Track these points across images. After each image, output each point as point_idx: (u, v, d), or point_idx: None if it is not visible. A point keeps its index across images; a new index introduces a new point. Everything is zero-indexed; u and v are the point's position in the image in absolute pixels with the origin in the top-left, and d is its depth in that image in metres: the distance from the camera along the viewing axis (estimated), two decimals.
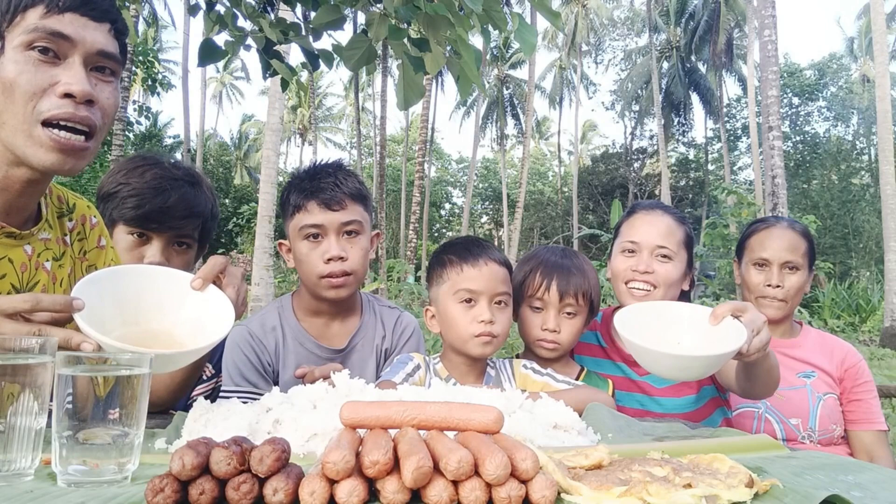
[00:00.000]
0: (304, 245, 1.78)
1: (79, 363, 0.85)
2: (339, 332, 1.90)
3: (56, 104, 1.17)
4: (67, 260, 1.44)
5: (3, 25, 1.16)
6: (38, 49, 1.16)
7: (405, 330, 1.96)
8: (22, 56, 1.16)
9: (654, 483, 0.76)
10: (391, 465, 0.73)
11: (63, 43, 1.18)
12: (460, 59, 2.30)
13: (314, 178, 1.80)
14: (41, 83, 1.17)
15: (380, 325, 1.94)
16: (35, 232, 1.36)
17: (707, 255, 11.04)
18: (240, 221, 25.22)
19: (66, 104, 1.17)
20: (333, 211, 1.76)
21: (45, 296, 1.09)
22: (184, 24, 25.43)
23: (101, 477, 0.82)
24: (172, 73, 36.61)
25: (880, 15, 14.85)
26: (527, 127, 30.51)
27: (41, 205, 1.39)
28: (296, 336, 1.86)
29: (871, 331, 15.60)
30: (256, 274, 13.20)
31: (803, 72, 36.89)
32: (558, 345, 1.81)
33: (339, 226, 1.77)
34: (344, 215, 1.77)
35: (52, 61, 1.18)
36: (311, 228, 1.77)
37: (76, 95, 1.17)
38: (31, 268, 1.33)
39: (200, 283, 1.24)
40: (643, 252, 1.93)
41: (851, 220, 27.62)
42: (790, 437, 2.10)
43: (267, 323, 1.87)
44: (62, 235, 1.45)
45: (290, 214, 1.83)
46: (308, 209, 1.77)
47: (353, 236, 1.80)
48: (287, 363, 1.84)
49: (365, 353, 1.90)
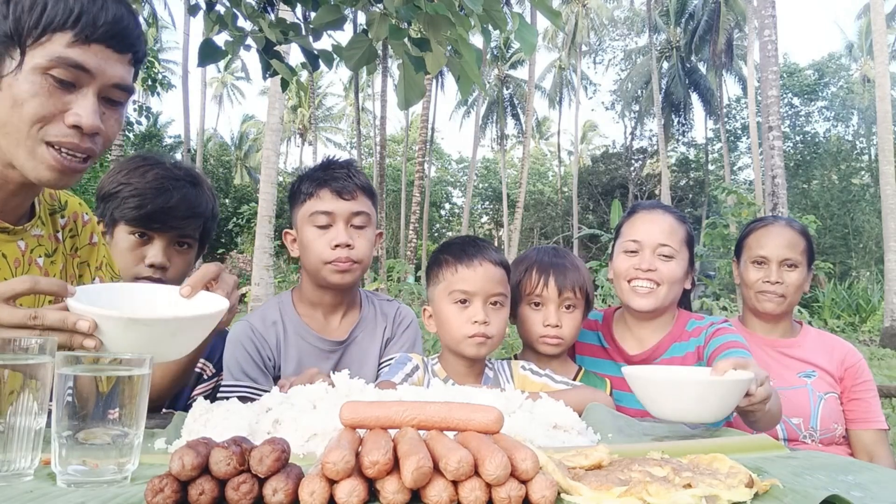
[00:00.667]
0: (312, 231, 1.81)
1: (79, 363, 0.85)
2: (339, 324, 1.92)
3: (63, 132, 1.18)
4: (59, 256, 1.45)
5: (27, 41, 1.15)
6: (56, 78, 1.16)
7: (403, 320, 1.99)
8: (39, 79, 1.15)
9: (654, 483, 0.76)
10: (391, 465, 0.73)
11: (82, 75, 1.17)
12: (461, 59, 2.30)
13: (327, 168, 1.85)
14: (52, 109, 1.17)
15: (379, 315, 1.97)
16: (28, 228, 1.36)
17: (707, 255, 11.04)
18: (240, 221, 25.20)
19: (72, 134, 1.18)
20: (344, 200, 1.79)
21: (42, 278, 1.10)
22: (184, 24, 25.44)
23: (100, 477, 0.82)
24: (173, 73, 36.61)
25: (880, 15, 14.85)
26: (527, 127, 30.52)
27: (35, 202, 1.40)
28: (297, 330, 1.88)
29: (871, 331, 15.60)
30: (256, 274, 13.21)
31: (803, 72, 36.90)
32: (561, 339, 1.83)
33: (348, 215, 1.80)
34: (354, 205, 1.80)
35: (66, 89, 1.17)
36: (321, 215, 1.79)
37: (84, 129, 1.18)
38: (24, 263, 1.34)
39: (189, 291, 1.23)
40: (645, 251, 1.93)
41: (851, 220, 27.63)
42: (791, 437, 2.11)
43: (268, 318, 1.88)
44: (54, 232, 1.46)
45: (300, 202, 1.85)
46: (320, 196, 1.80)
47: (361, 228, 1.82)
48: (288, 357, 1.86)
49: (365, 343, 1.92)
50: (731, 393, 1.18)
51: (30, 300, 1.29)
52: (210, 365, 1.96)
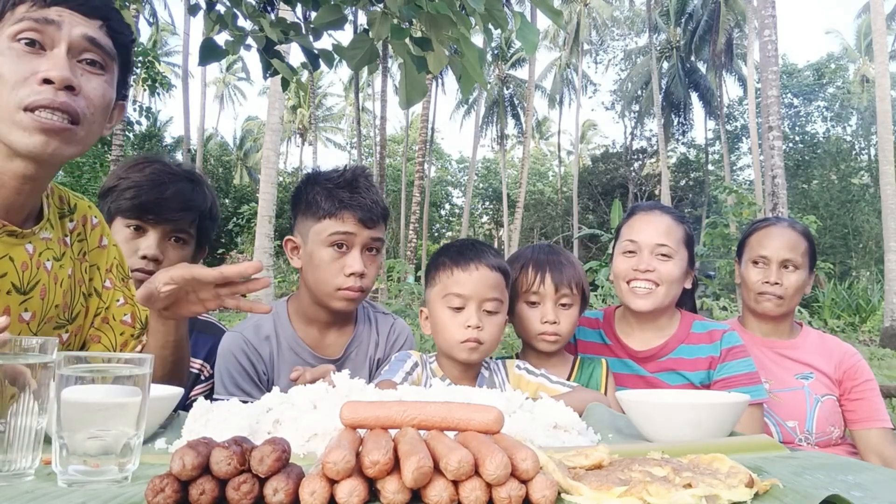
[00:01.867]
0: (327, 253, 1.74)
1: (79, 363, 0.85)
2: (334, 341, 1.88)
3: (35, 91, 1.18)
4: (67, 260, 1.43)
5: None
6: (25, 41, 1.18)
7: (398, 338, 1.95)
8: (8, 47, 1.18)
9: (654, 483, 0.76)
10: (391, 465, 0.73)
11: (49, 29, 1.19)
12: (462, 58, 2.30)
13: (354, 188, 1.76)
14: (24, 72, 1.18)
15: (374, 332, 1.93)
16: (36, 231, 1.35)
17: (707, 255, 11.04)
18: (240, 221, 25.18)
19: (45, 90, 1.18)
20: (367, 228, 1.75)
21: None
22: (184, 25, 25.43)
23: (101, 477, 0.82)
24: (176, 75, 36.60)
25: (880, 15, 14.85)
26: (527, 127, 30.54)
27: (43, 205, 1.39)
28: (291, 345, 1.83)
29: (871, 331, 15.60)
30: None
31: (802, 72, 36.90)
32: (559, 336, 1.83)
33: (367, 241, 1.76)
34: (374, 232, 1.77)
35: (36, 52, 1.19)
36: (340, 237, 1.73)
37: (54, 81, 1.18)
38: (31, 267, 1.33)
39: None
40: (643, 251, 1.94)
41: (851, 220, 27.63)
42: (787, 440, 2.08)
43: (261, 330, 1.83)
44: (63, 236, 1.45)
45: (315, 216, 1.76)
46: (343, 218, 1.73)
47: (374, 253, 1.79)
48: (281, 372, 1.80)
49: (358, 362, 1.88)
50: (727, 416, 1.17)
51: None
52: (208, 366, 1.96)
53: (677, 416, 1.16)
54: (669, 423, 1.16)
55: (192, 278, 1.30)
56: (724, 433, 1.16)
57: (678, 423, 1.15)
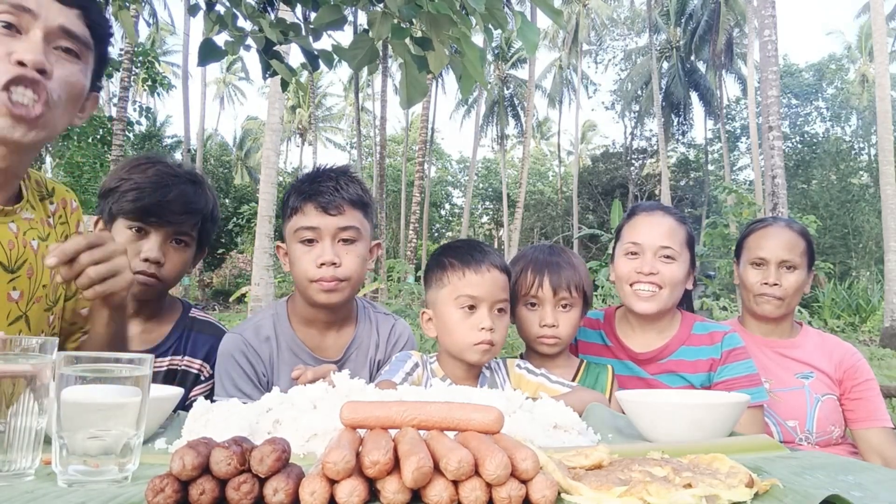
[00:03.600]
0: (299, 248, 1.75)
1: (79, 363, 0.85)
2: (334, 342, 1.87)
3: (9, 70, 1.20)
4: (53, 241, 1.45)
5: None
6: (2, 24, 1.20)
7: (399, 340, 1.94)
8: None
9: (654, 483, 0.76)
10: (391, 465, 0.73)
11: (24, 16, 1.21)
12: (463, 58, 2.30)
13: (315, 181, 1.77)
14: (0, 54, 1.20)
15: (374, 333, 1.92)
16: (18, 210, 1.37)
17: (707, 255, 11.04)
18: (240, 221, 25.17)
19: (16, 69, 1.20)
20: (330, 215, 1.72)
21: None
22: (184, 25, 25.43)
23: (101, 477, 0.81)
24: (176, 75, 36.59)
25: (880, 15, 14.85)
26: (527, 127, 30.50)
27: (22, 188, 1.41)
28: (290, 346, 1.83)
29: (871, 331, 15.60)
30: (256, 274, 13.18)
31: (801, 72, 36.89)
32: (558, 339, 1.82)
33: (335, 231, 1.73)
34: (341, 220, 1.73)
35: (12, 35, 1.21)
36: (306, 231, 1.73)
37: (27, 63, 1.20)
38: (18, 245, 1.35)
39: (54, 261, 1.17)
40: (646, 253, 1.93)
41: (851, 220, 27.62)
42: (787, 440, 2.08)
43: (261, 332, 1.83)
44: (46, 217, 1.47)
45: (287, 216, 1.80)
46: (304, 212, 1.74)
47: (350, 243, 1.75)
48: (281, 374, 1.80)
49: (359, 364, 1.87)
50: (726, 416, 1.16)
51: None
52: (207, 366, 1.96)
53: (677, 417, 1.16)
54: (669, 424, 1.16)
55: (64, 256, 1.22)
56: (724, 433, 1.16)
57: (678, 423, 1.15)
